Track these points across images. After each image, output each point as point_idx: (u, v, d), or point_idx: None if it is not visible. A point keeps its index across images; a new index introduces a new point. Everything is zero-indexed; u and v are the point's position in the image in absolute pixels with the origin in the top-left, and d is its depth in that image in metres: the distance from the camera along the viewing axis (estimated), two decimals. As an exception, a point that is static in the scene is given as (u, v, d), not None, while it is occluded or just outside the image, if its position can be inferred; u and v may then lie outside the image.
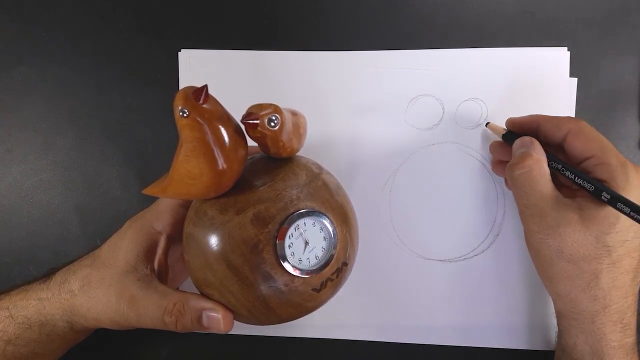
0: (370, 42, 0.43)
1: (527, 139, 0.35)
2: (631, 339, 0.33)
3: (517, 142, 0.36)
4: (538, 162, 0.33)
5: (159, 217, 0.35)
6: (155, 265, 0.34)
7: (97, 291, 0.32)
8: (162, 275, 0.35)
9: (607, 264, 0.32)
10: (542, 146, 0.35)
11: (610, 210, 0.31)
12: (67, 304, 0.33)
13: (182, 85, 0.43)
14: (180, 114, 0.26)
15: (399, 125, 0.42)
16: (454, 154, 0.42)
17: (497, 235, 0.41)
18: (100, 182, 0.43)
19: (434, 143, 0.42)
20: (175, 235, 0.35)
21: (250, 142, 0.30)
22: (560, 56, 0.41)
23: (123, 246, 0.34)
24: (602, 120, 0.42)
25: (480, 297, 0.41)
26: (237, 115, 0.29)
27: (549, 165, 0.34)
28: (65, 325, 0.34)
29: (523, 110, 0.41)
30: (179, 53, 0.43)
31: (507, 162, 0.36)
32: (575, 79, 0.41)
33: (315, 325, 0.42)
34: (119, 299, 0.32)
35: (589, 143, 0.33)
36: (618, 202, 0.30)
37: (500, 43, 0.42)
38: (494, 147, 0.40)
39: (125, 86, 0.43)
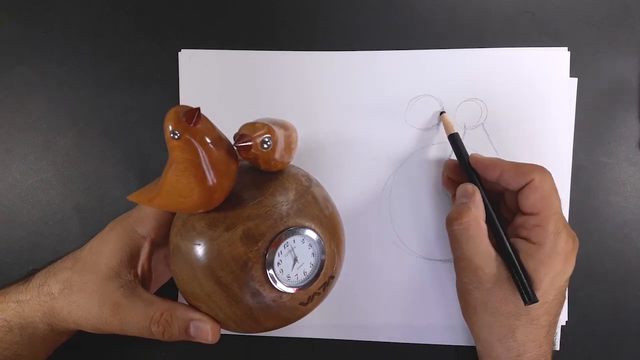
0: (370, 42, 0.43)
1: (469, 188, 0.36)
2: None
3: (460, 190, 0.36)
4: (475, 219, 0.34)
5: (142, 221, 0.34)
6: (139, 271, 0.34)
7: (78, 296, 0.32)
8: (146, 281, 0.34)
9: (525, 321, 0.34)
10: (487, 195, 0.36)
11: (533, 273, 0.33)
12: (46, 307, 0.32)
13: (182, 85, 0.43)
14: (172, 135, 0.25)
15: (399, 125, 0.42)
16: (454, 154, 0.42)
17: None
18: (100, 182, 0.43)
19: (434, 143, 0.42)
20: (159, 240, 0.34)
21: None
22: (561, 56, 0.41)
23: (106, 250, 0.33)
24: (602, 120, 0.42)
25: (480, 297, 0.41)
26: (237, 117, 0.29)
27: (486, 220, 0.35)
28: (46, 327, 0.33)
29: (523, 110, 0.41)
30: (179, 53, 0.43)
31: (457, 181, 0.38)
32: (576, 79, 0.41)
33: (314, 325, 0.42)
34: (101, 306, 0.31)
35: (540, 201, 0.33)
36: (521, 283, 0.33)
37: (500, 43, 0.42)
38: (447, 164, 0.40)
39: (125, 86, 0.43)
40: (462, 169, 0.38)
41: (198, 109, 0.25)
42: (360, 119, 0.42)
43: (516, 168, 0.35)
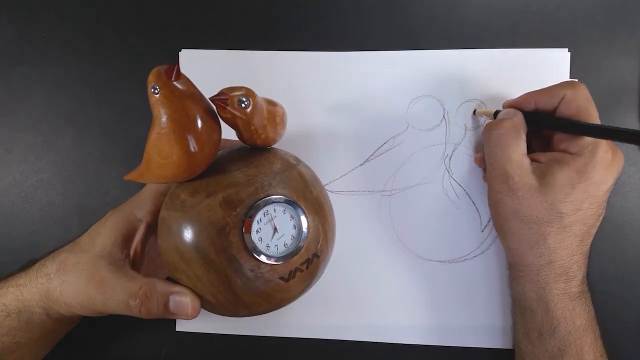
0: (371, 42, 0.43)
1: (512, 109, 0.36)
2: (576, 288, 0.35)
3: (503, 112, 0.37)
4: (515, 126, 0.35)
5: (140, 204, 0.34)
6: (131, 252, 0.34)
7: (70, 275, 0.32)
8: (137, 263, 0.35)
9: (557, 228, 0.34)
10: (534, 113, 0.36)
11: (566, 180, 0.33)
12: (42, 289, 0.33)
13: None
14: (152, 90, 0.26)
15: (400, 125, 0.42)
16: (455, 154, 0.42)
17: (497, 236, 0.41)
18: (100, 182, 0.43)
19: (434, 144, 0.42)
20: (155, 224, 0.34)
21: (232, 135, 0.30)
22: (561, 57, 0.41)
23: (102, 232, 0.34)
24: (602, 121, 0.42)
25: (479, 299, 0.41)
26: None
27: (536, 122, 0.35)
28: (42, 311, 0.33)
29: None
30: (179, 53, 0.43)
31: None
32: (576, 81, 0.41)
33: (315, 325, 0.42)
34: (88, 282, 0.31)
35: (576, 113, 0.33)
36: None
37: (500, 43, 0.42)
38: (479, 146, 0.41)
39: (125, 86, 0.43)
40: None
41: (176, 64, 0.26)
42: (360, 119, 0.42)
43: (547, 91, 0.35)
